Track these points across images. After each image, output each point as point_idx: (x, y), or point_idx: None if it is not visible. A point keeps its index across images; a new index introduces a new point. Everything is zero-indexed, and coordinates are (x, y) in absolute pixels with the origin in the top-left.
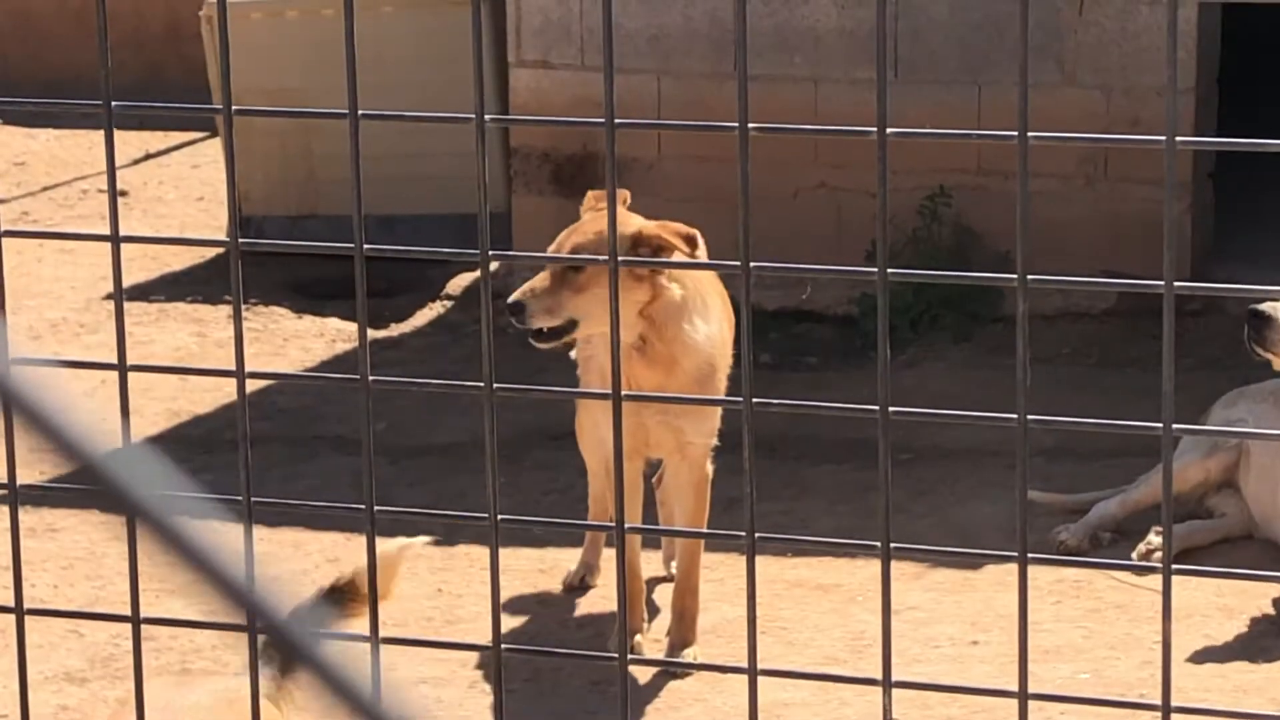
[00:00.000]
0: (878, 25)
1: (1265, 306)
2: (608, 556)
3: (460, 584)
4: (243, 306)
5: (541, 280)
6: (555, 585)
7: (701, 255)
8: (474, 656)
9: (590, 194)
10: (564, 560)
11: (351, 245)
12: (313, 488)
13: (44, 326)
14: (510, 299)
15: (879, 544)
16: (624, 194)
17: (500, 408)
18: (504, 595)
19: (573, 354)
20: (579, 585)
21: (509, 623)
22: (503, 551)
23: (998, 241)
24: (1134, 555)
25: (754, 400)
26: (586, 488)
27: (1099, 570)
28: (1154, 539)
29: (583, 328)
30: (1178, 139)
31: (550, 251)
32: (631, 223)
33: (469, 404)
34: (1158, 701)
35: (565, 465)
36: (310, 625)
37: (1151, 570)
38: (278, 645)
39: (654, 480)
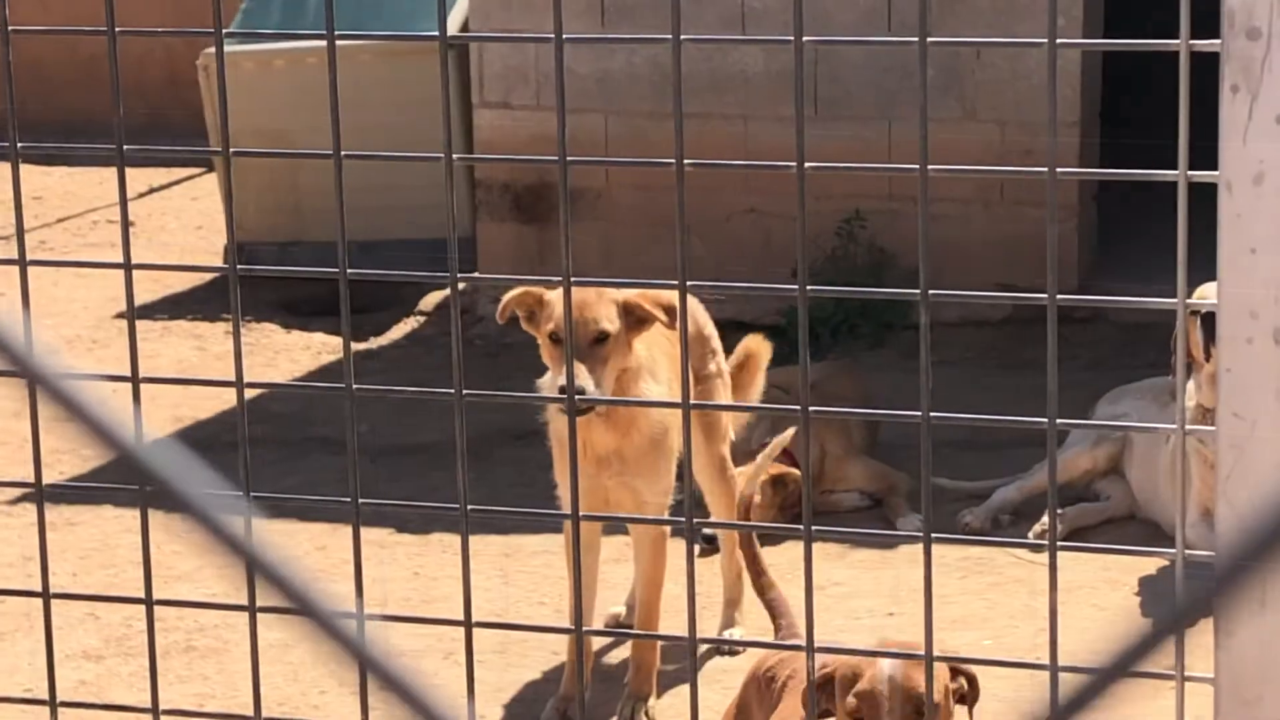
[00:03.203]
0: (795, 73)
1: (1211, 309)
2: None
3: (435, 568)
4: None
5: (577, 360)
6: (520, 567)
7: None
8: (449, 631)
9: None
10: (528, 545)
11: (336, 270)
12: (303, 484)
13: (60, 342)
14: (564, 386)
15: (801, 527)
16: (664, 301)
17: (470, 410)
18: (474, 577)
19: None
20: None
21: (478, 600)
22: (472, 539)
23: (908, 259)
24: (1030, 535)
25: (691, 403)
26: (549, 481)
27: (999, 548)
28: (1048, 520)
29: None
30: (1057, 170)
31: (561, 319)
32: (618, 293)
33: (442, 408)
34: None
35: (529, 461)
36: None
37: (1046, 548)
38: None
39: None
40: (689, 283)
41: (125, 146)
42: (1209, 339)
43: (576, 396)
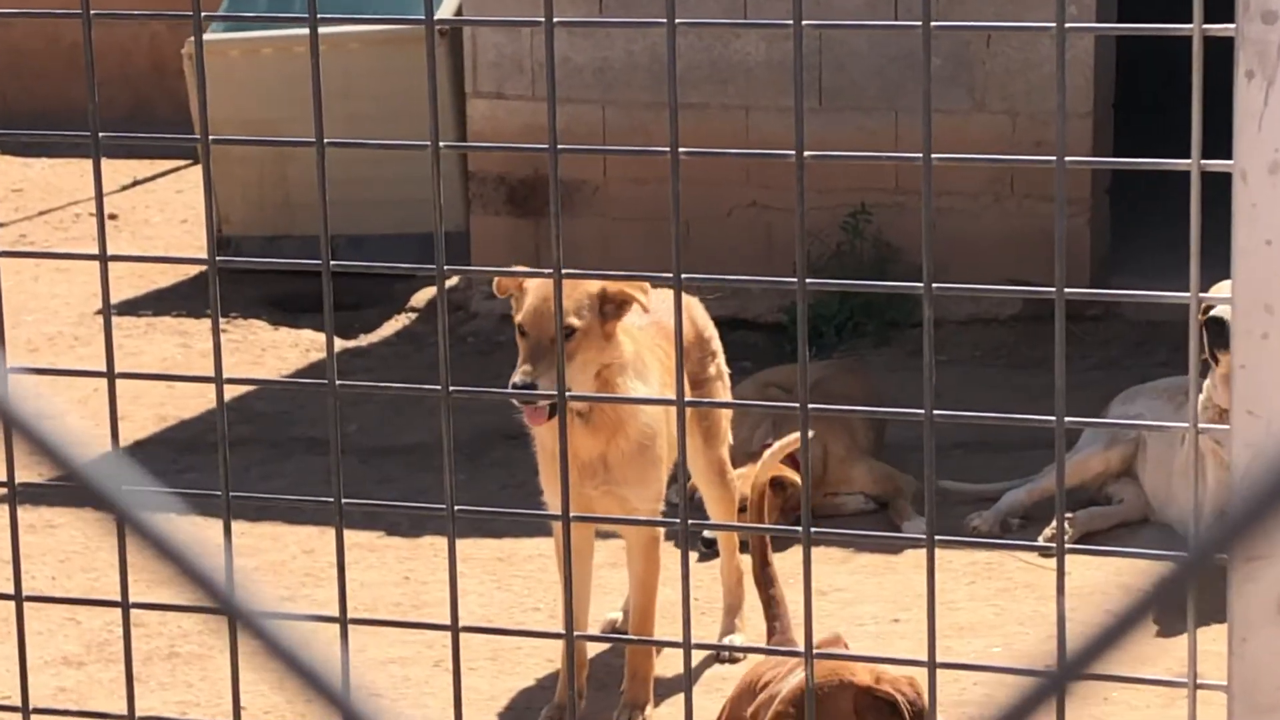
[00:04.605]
0: (795, 58)
1: (1217, 312)
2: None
3: (425, 572)
4: (223, 320)
5: (531, 356)
6: (514, 572)
7: (652, 301)
8: (439, 638)
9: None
10: (522, 550)
11: (319, 261)
12: (289, 485)
13: (41, 340)
14: (515, 381)
15: (800, 529)
16: (644, 285)
17: (460, 410)
18: (464, 582)
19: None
20: None
21: (470, 605)
22: (463, 542)
23: (915, 255)
24: (1041, 539)
25: (686, 400)
26: (539, 485)
27: (1008, 552)
28: (1057, 521)
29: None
30: (1067, 159)
31: (529, 312)
32: (592, 284)
33: (432, 407)
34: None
35: (521, 463)
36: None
37: (1054, 552)
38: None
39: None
40: (684, 275)
41: (101, 134)
42: (1213, 343)
43: (527, 392)
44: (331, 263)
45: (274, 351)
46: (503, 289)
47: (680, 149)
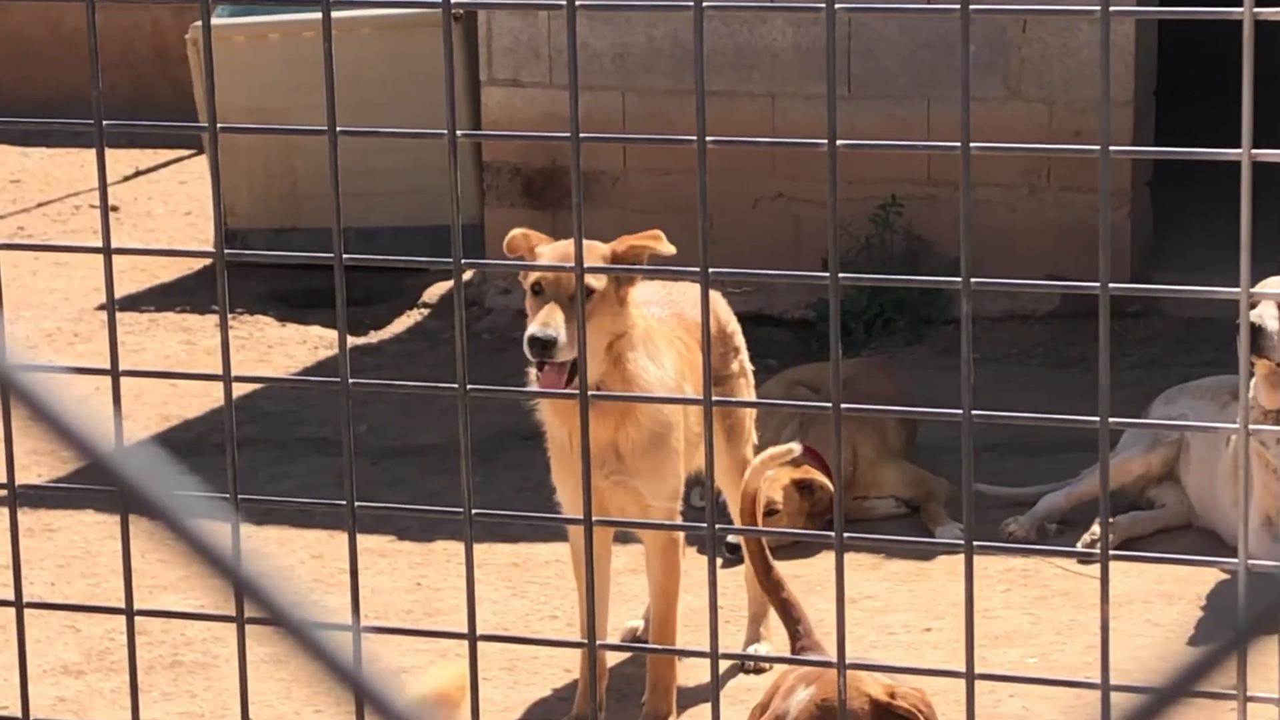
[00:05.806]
0: (828, 43)
1: (1253, 316)
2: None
3: (438, 578)
4: (229, 315)
5: (551, 313)
6: (530, 578)
7: (672, 294)
8: (453, 646)
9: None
10: (538, 555)
11: (331, 254)
12: (297, 487)
13: (39, 336)
14: (533, 333)
15: (832, 534)
16: (657, 233)
17: (474, 410)
18: (479, 588)
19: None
20: None
21: (485, 613)
22: (478, 547)
23: (947, 248)
24: (1080, 544)
25: (713, 400)
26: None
27: (1045, 559)
28: (1098, 529)
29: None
30: (1111, 148)
31: (536, 272)
32: (606, 246)
33: (446, 407)
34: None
35: (537, 464)
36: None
37: (1094, 559)
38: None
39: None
40: (711, 270)
41: (105, 122)
42: (1251, 346)
43: (544, 338)
44: (345, 255)
45: (281, 349)
46: (514, 248)
47: (707, 137)
